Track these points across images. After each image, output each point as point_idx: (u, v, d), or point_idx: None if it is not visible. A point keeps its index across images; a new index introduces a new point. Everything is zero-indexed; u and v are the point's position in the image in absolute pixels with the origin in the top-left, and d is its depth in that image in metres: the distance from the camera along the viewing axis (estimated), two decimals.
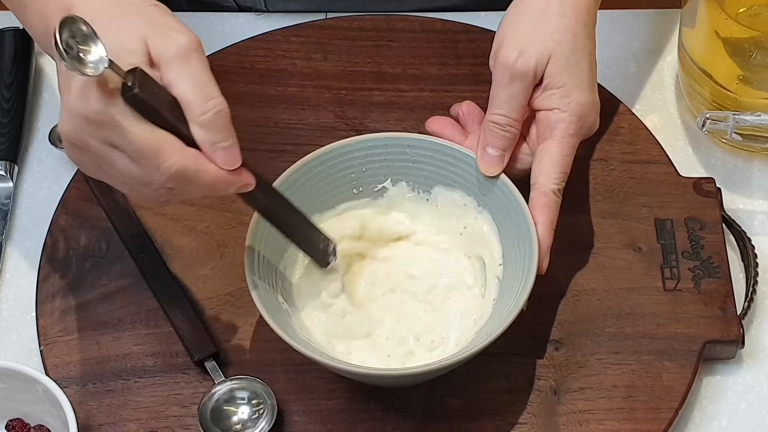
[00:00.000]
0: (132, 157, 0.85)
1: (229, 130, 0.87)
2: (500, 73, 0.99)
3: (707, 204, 1.06)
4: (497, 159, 0.99)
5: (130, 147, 0.85)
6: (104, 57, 0.82)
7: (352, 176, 1.02)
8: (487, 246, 1.00)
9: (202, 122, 0.86)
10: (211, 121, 0.86)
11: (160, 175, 0.85)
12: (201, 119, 0.85)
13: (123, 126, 0.84)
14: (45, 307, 1.02)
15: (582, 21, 1.00)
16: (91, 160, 0.87)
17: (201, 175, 0.86)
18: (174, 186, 0.86)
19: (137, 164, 0.85)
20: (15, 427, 0.97)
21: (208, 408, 0.96)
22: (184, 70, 0.85)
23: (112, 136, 0.85)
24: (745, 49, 1.07)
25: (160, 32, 0.86)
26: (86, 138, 0.86)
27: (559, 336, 1.00)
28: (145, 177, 0.86)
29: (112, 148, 0.85)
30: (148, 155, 0.84)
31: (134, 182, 0.87)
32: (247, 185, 0.90)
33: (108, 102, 0.83)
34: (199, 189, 0.87)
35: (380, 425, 0.97)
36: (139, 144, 0.84)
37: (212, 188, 0.88)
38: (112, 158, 0.86)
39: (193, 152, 0.86)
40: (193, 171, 0.86)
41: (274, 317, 0.93)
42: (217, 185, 0.87)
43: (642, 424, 0.96)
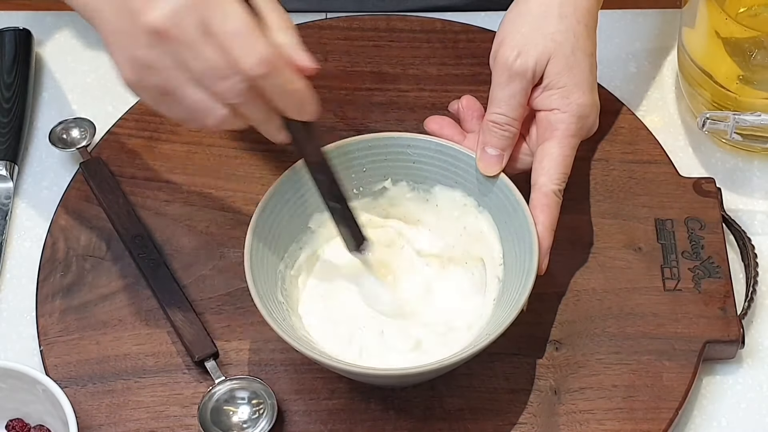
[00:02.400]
0: (224, 42, 0.85)
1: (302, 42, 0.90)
2: (499, 73, 0.99)
3: (707, 204, 1.06)
4: (496, 159, 0.99)
5: (232, 24, 0.85)
6: None
7: (352, 176, 1.02)
8: (487, 246, 1.00)
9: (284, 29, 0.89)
10: (291, 28, 0.89)
11: (251, 56, 0.85)
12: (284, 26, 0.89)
13: (196, 41, 0.85)
14: (45, 307, 1.02)
15: (583, 22, 1.00)
16: (174, 54, 0.87)
17: (285, 67, 0.87)
18: (259, 74, 0.86)
19: (226, 51, 0.85)
20: (15, 427, 0.97)
21: (208, 408, 0.96)
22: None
23: (214, 16, 0.85)
24: (745, 49, 1.07)
25: None
26: (185, 23, 0.85)
27: (559, 336, 1.00)
28: (231, 63, 0.86)
29: (207, 34, 0.85)
30: (247, 36, 0.85)
31: (212, 75, 0.86)
32: (309, 105, 0.90)
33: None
34: (279, 84, 0.87)
35: (380, 425, 0.97)
36: (241, 18, 0.85)
37: (290, 87, 0.88)
38: (200, 47, 0.86)
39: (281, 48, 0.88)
40: (282, 61, 0.87)
41: (274, 317, 0.93)
42: (296, 83, 0.88)
43: (642, 424, 0.96)
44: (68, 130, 1.11)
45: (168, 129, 1.12)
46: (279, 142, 0.92)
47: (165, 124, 1.12)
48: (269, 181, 0.99)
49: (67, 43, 1.20)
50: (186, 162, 1.10)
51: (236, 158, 1.10)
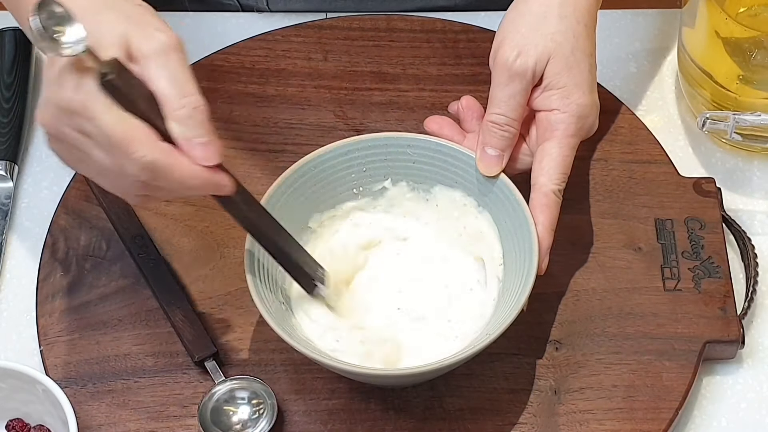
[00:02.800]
0: (104, 147, 0.84)
1: (206, 127, 0.86)
2: (499, 73, 0.99)
3: (707, 204, 1.06)
4: (496, 159, 0.99)
5: (102, 135, 0.84)
6: (82, 38, 0.82)
7: (352, 176, 1.02)
8: (487, 246, 1.00)
9: (179, 117, 0.85)
10: (188, 117, 0.85)
11: (131, 165, 0.84)
12: (177, 114, 0.85)
13: (95, 113, 0.83)
14: (45, 307, 1.02)
15: (583, 22, 1.00)
16: (68, 150, 0.87)
17: (174, 169, 0.85)
18: (147, 179, 0.85)
19: (110, 154, 0.84)
20: (15, 427, 0.97)
21: (208, 408, 0.96)
22: (162, 66, 0.85)
23: (85, 124, 0.84)
24: (745, 49, 1.07)
25: (141, 29, 0.86)
26: (61, 127, 0.85)
27: (559, 336, 1.00)
28: (118, 168, 0.85)
29: (85, 137, 0.85)
30: (120, 144, 0.84)
31: (109, 174, 0.86)
32: (222, 186, 0.88)
33: (81, 88, 0.83)
34: (172, 184, 0.86)
35: (380, 425, 0.97)
36: (110, 132, 0.83)
37: (185, 184, 0.86)
38: (86, 148, 0.85)
39: (166, 145, 0.85)
40: (165, 163, 0.85)
41: (274, 317, 0.93)
42: (191, 180, 0.86)
43: (642, 424, 0.96)
44: None
45: None
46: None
47: None
48: (269, 181, 0.99)
49: None
50: None
51: (236, 158, 1.10)
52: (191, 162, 0.86)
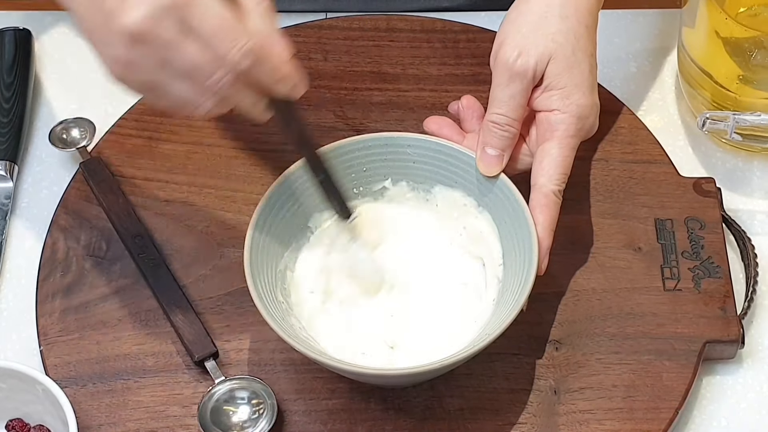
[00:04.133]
0: (206, 39, 0.86)
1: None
2: (500, 73, 0.99)
3: (707, 204, 1.06)
4: (496, 159, 0.99)
5: (212, 21, 0.85)
6: None
7: (352, 176, 1.02)
8: (487, 246, 1.00)
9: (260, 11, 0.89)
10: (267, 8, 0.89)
11: (239, 48, 0.86)
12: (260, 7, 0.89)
13: (174, 41, 0.85)
14: (45, 307, 1.02)
15: (584, 23, 1.00)
16: (155, 54, 0.87)
17: (272, 56, 0.88)
18: (246, 67, 0.87)
19: (209, 47, 0.86)
20: (15, 427, 0.97)
21: (208, 408, 0.96)
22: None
23: (191, 17, 0.85)
24: (745, 49, 1.07)
25: None
26: (161, 24, 0.85)
27: (559, 336, 1.00)
28: (212, 64, 0.86)
29: (186, 33, 0.85)
30: (229, 27, 0.86)
31: (200, 73, 0.87)
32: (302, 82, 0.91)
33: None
34: (272, 68, 0.88)
35: (380, 425, 0.97)
36: (218, 20, 0.85)
37: (281, 70, 0.88)
38: (182, 46, 0.86)
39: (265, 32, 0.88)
40: (266, 50, 0.87)
41: (274, 317, 0.93)
42: (285, 68, 0.89)
43: (642, 424, 0.96)
44: (68, 130, 1.11)
45: (168, 129, 1.12)
46: (262, 122, 0.93)
47: (165, 124, 1.12)
48: (269, 181, 0.99)
49: (67, 43, 1.20)
50: (186, 162, 1.10)
51: (236, 158, 1.10)
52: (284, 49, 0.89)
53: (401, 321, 0.98)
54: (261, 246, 0.96)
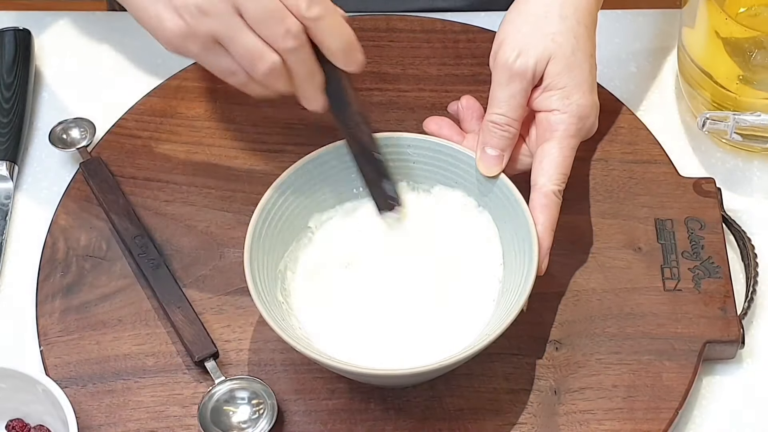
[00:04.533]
0: (256, 22, 0.87)
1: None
2: (499, 73, 0.99)
3: (707, 204, 1.06)
4: (496, 159, 0.99)
5: (257, 6, 0.86)
6: None
7: (352, 176, 1.02)
8: (487, 246, 1.00)
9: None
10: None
11: (286, 31, 0.87)
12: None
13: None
14: (45, 307, 1.02)
15: (583, 23, 1.00)
16: (211, 30, 0.88)
17: (338, 17, 0.90)
18: (318, 14, 0.88)
19: (259, 30, 0.87)
20: (15, 427, 0.97)
21: (208, 408, 0.96)
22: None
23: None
24: (745, 49, 1.07)
25: None
26: (211, 4, 0.87)
27: (559, 336, 1.00)
28: (283, 10, 0.87)
29: (236, 15, 0.87)
30: (275, 14, 0.87)
31: (270, 18, 0.88)
32: (362, 57, 0.92)
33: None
34: (336, 25, 0.90)
35: (380, 425, 0.97)
36: (266, 2, 0.87)
37: (347, 28, 0.90)
38: (233, 28, 0.87)
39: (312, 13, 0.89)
40: (334, 9, 0.89)
41: (274, 317, 0.93)
42: (347, 35, 0.90)
43: (642, 424, 0.96)
44: (68, 130, 1.11)
45: (168, 129, 1.12)
46: (316, 108, 0.94)
47: (165, 124, 1.12)
48: (269, 181, 0.99)
49: (67, 43, 1.20)
50: (186, 162, 1.10)
51: (236, 158, 1.10)
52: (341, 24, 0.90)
53: (401, 321, 0.98)
54: (261, 246, 0.96)
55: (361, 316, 0.98)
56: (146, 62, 1.18)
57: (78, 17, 1.22)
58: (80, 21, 1.21)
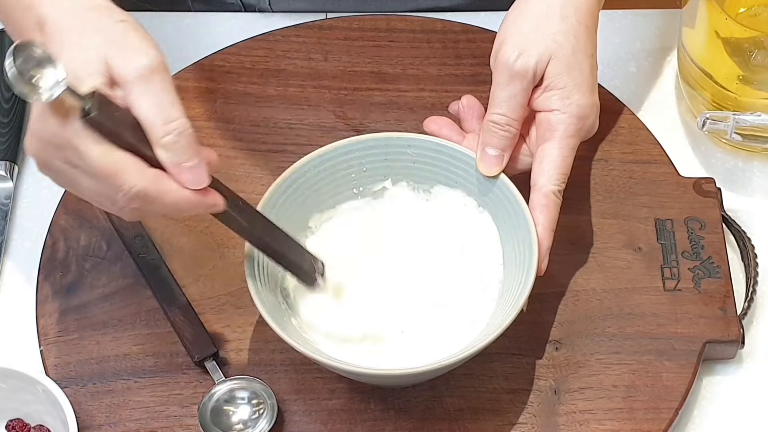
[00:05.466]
0: (93, 178, 0.85)
1: (193, 150, 0.86)
2: (500, 73, 0.99)
3: (707, 204, 1.06)
4: (497, 159, 0.99)
5: (89, 169, 0.84)
6: (61, 81, 0.81)
7: (352, 176, 1.02)
8: (487, 246, 1.00)
9: (165, 144, 0.85)
10: (174, 142, 0.85)
11: (122, 196, 0.85)
12: (163, 141, 0.85)
13: (80, 149, 0.84)
14: (45, 307, 1.02)
15: (584, 23, 1.00)
16: (58, 177, 0.88)
17: (163, 195, 0.85)
18: (137, 206, 0.86)
19: (99, 184, 0.85)
20: (15, 427, 0.97)
21: (208, 408, 0.96)
22: (144, 91, 0.85)
23: (72, 158, 0.85)
24: (745, 49, 1.07)
25: (122, 52, 0.85)
26: (49, 158, 0.86)
27: (559, 336, 1.00)
28: (109, 196, 0.86)
29: (74, 168, 0.85)
30: (107, 177, 0.84)
31: (101, 200, 0.87)
32: (213, 206, 0.89)
33: (65, 125, 0.83)
34: (164, 209, 0.87)
35: (380, 425, 0.97)
36: (96, 167, 0.84)
37: (176, 208, 0.87)
38: (75, 178, 0.86)
39: (154, 172, 0.85)
40: (155, 191, 0.85)
41: (274, 317, 0.93)
42: (181, 205, 0.87)
43: (642, 424, 0.96)
44: None
45: None
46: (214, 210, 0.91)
47: None
48: (269, 181, 0.99)
49: None
50: None
51: (236, 158, 1.10)
52: (181, 186, 0.86)
53: (401, 321, 0.98)
54: None
55: (361, 316, 0.98)
56: None
57: None
58: None
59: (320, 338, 0.97)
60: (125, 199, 0.85)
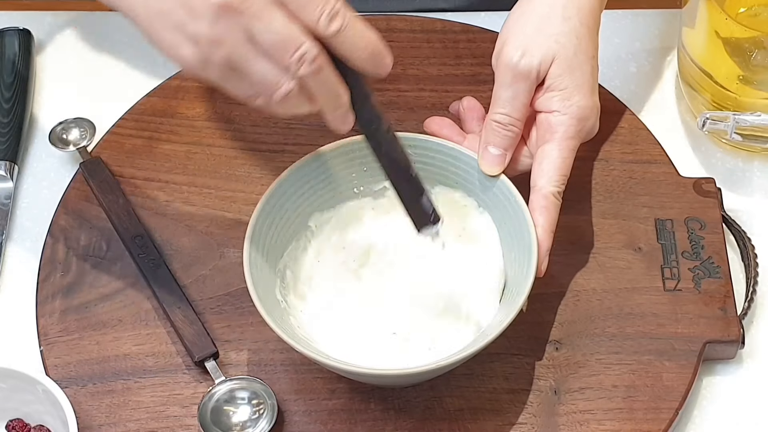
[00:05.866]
0: (269, 48, 0.84)
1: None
2: (503, 73, 0.99)
3: (707, 204, 1.06)
4: (499, 158, 0.99)
5: (270, 33, 0.84)
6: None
7: (352, 176, 1.02)
8: (487, 247, 1.00)
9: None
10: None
11: (327, 11, 0.85)
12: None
13: (264, 11, 0.84)
14: (45, 307, 1.02)
15: (586, 24, 1.00)
16: (242, 26, 0.85)
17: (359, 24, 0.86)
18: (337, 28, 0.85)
19: (297, 15, 0.85)
20: (15, 427, 0.97)
21: (208, 408, 0.96)
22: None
23: (252, 24, 0.84)
24: (745, 49, 1.07)
25: None
26: (224, 33, 0.84)
27: (559, 336, 1.00)
28: (299, 35, 0.85)
29: (249, 43, 0.85)
30: (286, 41, 0.84)
31: (285, 46, 0.85)
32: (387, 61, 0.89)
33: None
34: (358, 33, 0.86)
35: (380, 425, 0.97)
36: (279, 28, 0.84)
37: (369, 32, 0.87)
38: (271, 14, 0.85)
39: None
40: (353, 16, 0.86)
41: (274, 317, 0.93)
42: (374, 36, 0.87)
43: (642, 424, 0.96)
44: (68, 130, 1.11)
45: (168, 129, 1.12)
46: (344, 129, 0.91)
47: (165, 124, 1.12)
48: (269, 181, 0.99)
49: (67, 43, 1.20)
50: (186, 162, 1.10)
51: (236, 158, 1.10)
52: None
53: (401, 321, 0.98)
54: (261, 246, 0.96)
55: (361, 316, 0.98)
56: (146, 62, 1.18)
57: (78, 17, 1.22)
58: (80, 21, 1.21)
59: (320, 338, 0.97)
60: (328, 17, 0.85)
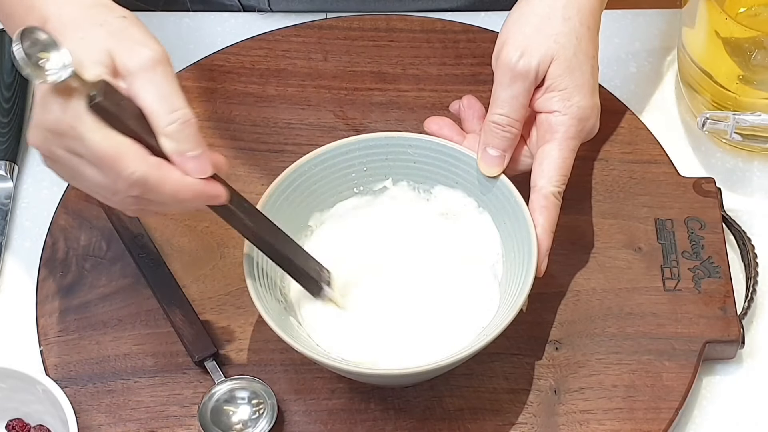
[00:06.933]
0: (95, 165, 0.85)
1: (197, 140, 0.86)
2: (502, 73, 0.99)
3: (707, 204, 1.06)
4: (498, 159, 0.99)
5: (91, 154, 0.85)
6: (67, 64, 0.82)
7: (352, 176, 1.02)
8: (487, 247, 1.00)
9: (168, 132, 0.85)
10: (178, 131, 0.86)
11: (123, 182, 0.85)
12: (167, 130, 0.85)
13: (82, 134, 0.84)
14: (45, 307, 1.02)
15: (586, 24, 1.00)
16: (62, 168, 0.88)
17: (164, 182, 0.85)
18: (138, 194, 0.86)
19: (101, 172, 0.85)
20: (15, 427, 0.97)
21: (208, 408, 0.96)
22: (148, 81, 0.85)
23: (74, 145, 0.85)
24: (745, 49, 1.07)
25: (125, 45, 0.86)
26: (52, 148, 0.86)
27: (559, 336, 1.00)
28: (110, 185, 0.86)
29: (76, 157, 0.86)
30: (109, 162, 0.84)
31: (103, 191, 0.87)
32: (216, 197, 0.88)
33: (68, 110, 0.84)
34: (164, 197, 0.86)
35: (380, 425, 0.97)
36: (98, 151, 0.84)
37: (177, 197, 0.87)
38: (78, 167, 0.86)
39: (156, 160, 0.85)
40: (156, 178, 0.85)
41: (274, 317, 0.93)
42: (183, 193, 0.86)
43: (642, 424, 0.96)
44: None
45: None
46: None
47: None
48: (269, 181, 0.99)
49: None
50: None
51: (236, 158, 1.10)
52: (182, 175, 0.86)
53: (401, 321, 0.98)
54: None
55: (360, 316, 0.98)
56: None
57: None
58: None
59: (320, 338, 0.97)
60: (126, 184, 0.85)
